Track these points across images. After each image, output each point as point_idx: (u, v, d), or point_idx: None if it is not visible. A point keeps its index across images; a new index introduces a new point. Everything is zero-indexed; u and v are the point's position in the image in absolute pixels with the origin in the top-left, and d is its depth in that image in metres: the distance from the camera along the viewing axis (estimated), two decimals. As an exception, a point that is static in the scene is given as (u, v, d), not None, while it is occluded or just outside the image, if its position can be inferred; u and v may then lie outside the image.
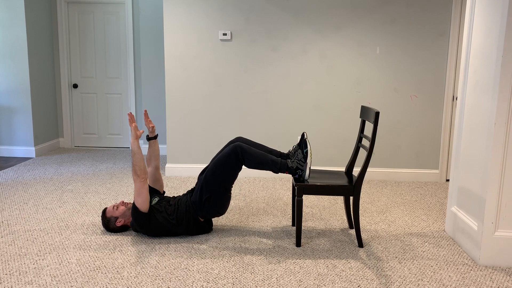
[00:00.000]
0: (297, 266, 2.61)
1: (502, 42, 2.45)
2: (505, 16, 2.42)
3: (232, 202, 3.82)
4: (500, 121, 2.50)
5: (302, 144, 2.90)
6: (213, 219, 3.36)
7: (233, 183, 2.95)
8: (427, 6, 4.39)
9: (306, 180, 2.88)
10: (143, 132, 2.95)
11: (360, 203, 3.80)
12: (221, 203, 2.95)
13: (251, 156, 2.84)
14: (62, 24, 5.91)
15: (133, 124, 2.92)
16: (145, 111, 3.19)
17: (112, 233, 3.06)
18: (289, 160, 2.89)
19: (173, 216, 2.94)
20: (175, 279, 2.43)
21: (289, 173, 2.89)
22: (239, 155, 2.83)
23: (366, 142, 4.38)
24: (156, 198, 3.06)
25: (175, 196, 3.13)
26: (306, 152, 2.85)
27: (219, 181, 2.88)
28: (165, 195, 3.28)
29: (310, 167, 2.86)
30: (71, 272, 2.49)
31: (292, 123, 4.65)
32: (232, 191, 4.10)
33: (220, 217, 3.43)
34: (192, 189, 3.10)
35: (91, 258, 2.66)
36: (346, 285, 2.39)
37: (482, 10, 2.75)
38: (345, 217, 3.48)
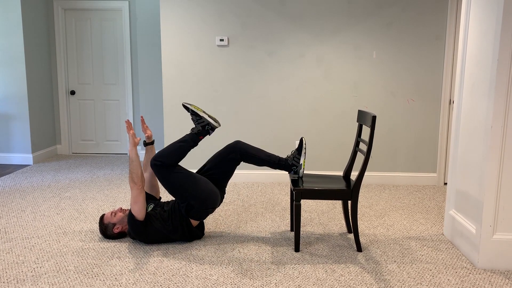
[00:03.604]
0: (296, 271, 2.61)
1: (497, 45, 2.46)
2: (500, 20, 2.44)
3: (230, 207, 3.81)
4: (497, 124, 2.50)
5: (187, 110, 2.98)
6: (212, 223, 3.36)
7: (192, 180, 2.87)
8: (422, 9, 4.41)
9: (210, 125, 2.93)
10: (140, 139, 2.97)
11: (358, 207, 3.81)
12: (202, 201, 2.87)
13: (166, 155, 2.87)
14: (59, 31, 5.92)
15: (131, 132, 2.92)
16: (142, 117, 3.20)
17: (110, 240, 3.05)
18: (191, 129, 2.98)
19: (169, 222, 2.93)
20: (173, 285, 2.43)
21: (202, 135, 2.96)
22: (158, 162, 2.84)
23: (363, 146, 4.39)
24: (151, 205, 3.05)
25: (169, 201, 3.12)
26: (191, 109, 2.95)
27: (176, 191, 2.88)
28: (160, 200, 3.27)
29: (209, 114, 2.94)
30: (69, 279, 2.48)
31: (290, 128, 4.66)
32: (230, 196, 4.12)
33: (218, 222, 3.43)
34: None
35: (89, 265, 2.65)
36: (345, 290, 2.39)
37: (477, 14, 2.77)
38: (343, 222, 3.48)
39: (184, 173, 2.90)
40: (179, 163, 2.94)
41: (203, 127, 2.94)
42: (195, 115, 2.95)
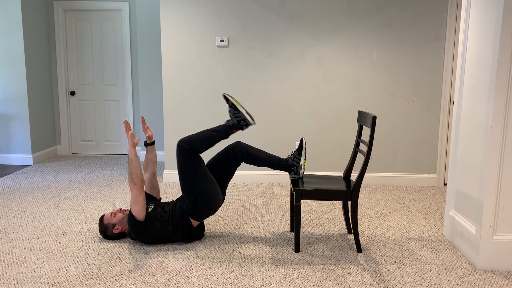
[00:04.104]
0: (295, 272, 2.61)
1: (497, 46, 2.46)
2: (500, 21, 2.44)
3: (230, 208, 3.81)
4: (497, 125, 2.50)
5: (225, 100, 2.97)
6: (212, 224, 3.36)
7: (207, 177, 2.89)
8: (422, 10, 4.41)
9: (248, 121, 2.92)
10: (139, 139, 2.96)
11: (358, 208, 3.81)
12: (208, 201, 2.89)
13: (195, 140, 2.88)
14: (59, 32, 5.92)
15: (130, 132, 2.92)
16: (142, 118, 3.20)
17: (110, 241, 3.05)
18: (227, 120, 2.96)
19: (169, 222, 2.93)
20: (173, 286, 2.43)
21: (235, 129, 2.94)
22: (187, 146, 2.85)
23: (363, 147, 4.39)
24: (151, 205, 3.05)
25: (169, 201, 3.11)
26: (232, 104, 2.93)
27: (191, 181, 2.88)
28: (161, 201, 3.26)
29: (247, 111, 2.93)
30: (69, 280, 2.48)
31: (289, 128, 4.66)
32: (230, 197, 4.12)
33: (218, 222, 3.43)
34: None
35: (89, 266, 2.65)
36: (345, 291, 2.39)
37: (477, 15, 2.77)
38: (343, 222, 3.48)
39: (203, 168, 2.90)
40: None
41: (238, 122, 2.93)
42: (233, 108, 2.93)
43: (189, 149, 2.84)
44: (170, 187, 4.53)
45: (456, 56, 4.42)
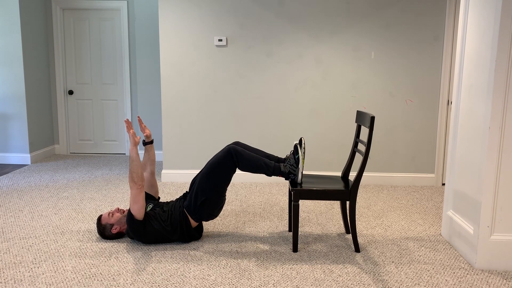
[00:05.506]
0: (293, 271, 2.61)
1: (495, 46, 2.46)
2: (498, 20, 2.44)
3: (228, 207, 3.81)
4: (495, 125, 2.51)
5: (294, 150, 2.93)
6: (210, 224, 3.36)
7: (227, 186, 2.96)
8: (421, 10, 4.42)
9: (299, 183, 2.90)
10: (140, 138, 2.96)
11: (356, 207, 3.81)
12: (215, 206, 2.95)
13: (245, 159, 2.87)
14: (57, 31, 5.91)
15: (131, 131, 2.91)
16: (138, 117, 3.19)
17: (108, 240, 3.04)
18: (282, 165, 2.92)
19: (168, 222, 2.93)
20: (171, 286, 2.42)
21: (282, 176, 2.92)
22: (234, 157, 2.86)
23: (362, 147, 4.39)
24: (150, 205, 3.05)
25: (168, 201, 3.11)
26: (298, 158, 2.88)
27: (214, 183, 2.89)
28: (159, 201, 3.26)
29: (302, 172, 2.90)
30: (67, 279, 2.47)
31: (288, 128, 4.66)
32: (228, 197, 4.12)
33: (217, 222, 3.43)
34: (184, 194, 3.09)
35: (87, 266, 2.65)
36: (343, 290, 2.39)
37: (475, 15, 2.78)
38: (341, 222, 3.48)
39: (229, 180, 2.93)
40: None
41: (288, 172, 2.91)
42: (294, 160, 2.91)
43: (234, 160, 2.86)
44: (168, 186, 4.53)
45: (454, 56, 4.42)
